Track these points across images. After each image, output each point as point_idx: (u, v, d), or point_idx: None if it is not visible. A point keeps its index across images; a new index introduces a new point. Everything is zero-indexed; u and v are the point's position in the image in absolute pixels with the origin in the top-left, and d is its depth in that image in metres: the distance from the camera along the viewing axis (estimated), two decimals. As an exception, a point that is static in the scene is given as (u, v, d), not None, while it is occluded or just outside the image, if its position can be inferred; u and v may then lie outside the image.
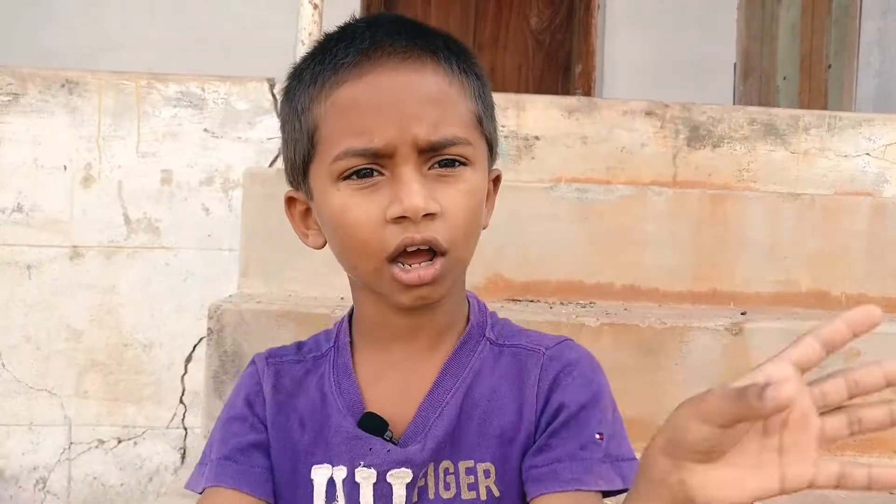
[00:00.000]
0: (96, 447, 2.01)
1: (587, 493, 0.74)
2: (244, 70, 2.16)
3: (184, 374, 2.02)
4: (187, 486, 0.84)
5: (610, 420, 0.78)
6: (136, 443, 2.02)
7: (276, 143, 2.04)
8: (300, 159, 0.78)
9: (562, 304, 1.69)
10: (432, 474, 0.75)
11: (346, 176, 0.72)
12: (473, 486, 0.75)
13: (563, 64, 4.55)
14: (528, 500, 0.76)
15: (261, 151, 2.04)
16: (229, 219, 2.02)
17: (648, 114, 2.11)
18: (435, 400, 0.77)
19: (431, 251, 0.72)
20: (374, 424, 0.76)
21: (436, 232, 0.71)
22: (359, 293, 0.80)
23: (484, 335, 0.81)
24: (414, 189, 0.70)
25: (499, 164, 0.84)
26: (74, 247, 2.01)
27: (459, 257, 0.75)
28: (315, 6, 2.09)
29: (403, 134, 0.71)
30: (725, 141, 2.12)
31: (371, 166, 0.72)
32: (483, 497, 0.75)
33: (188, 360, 2.02)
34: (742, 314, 1.61)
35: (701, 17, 4.31)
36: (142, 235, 2.03)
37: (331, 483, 0.77)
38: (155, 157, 2.03)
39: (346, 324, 0.84)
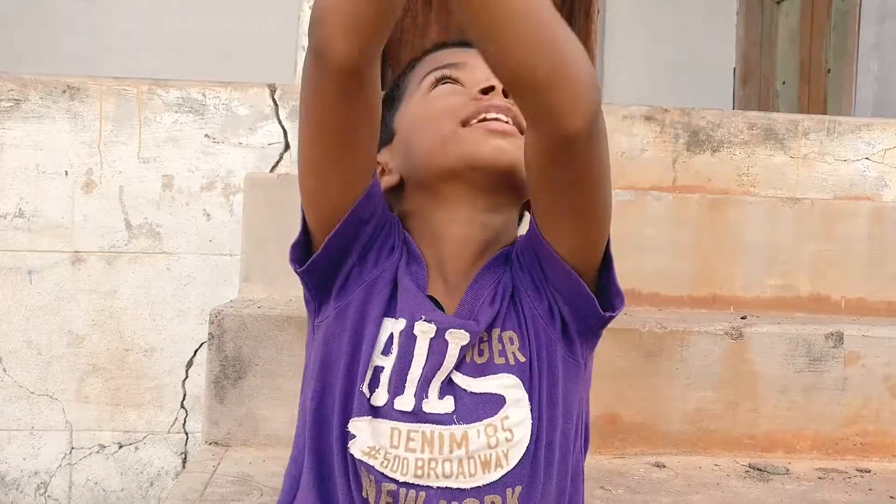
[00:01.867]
0: (97, 452, 2.02)
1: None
2: (245, 76, 2.17)
3: (185, 379, 2.02)
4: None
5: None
6: (137, 448, 2.02)
7: (277, 149, 2.05)
8: (389, 109, 0.86)
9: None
10: (496, 339, 0.80)
11: (435, 83, 0.84)
12: (503, 353, 0.80)
13: (562, 69, 4.55)
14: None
15: (262, 157, 2.04)
16: (230, 224, 2.02)
17: (648, 119, 2.12)
18: (476, 291, 0.82)
19: None
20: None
21: (515, 112, 0.79)
22: (423, 204, 0.84)
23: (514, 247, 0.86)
24: (485, 73, 0.77)
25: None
26: (76, 252, 2.02)
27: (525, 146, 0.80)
28: (316, 12, 2.10)
29: (475, 56, 0.79)
30: (725, 146, 2.13)
31: (454, 76, 0.84)
32: (511, 362, 0.80)
33: (189, 364, 2.03)
34: (742, 318, 1.62)
35: (700, 23, 4.32)
36: (143, 240, 2.03)
37: (389, 337, 0.80)
38: (156, 163, 2.04)
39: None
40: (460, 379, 0.79)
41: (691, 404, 1.51)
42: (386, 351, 0.79)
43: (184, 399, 2.02)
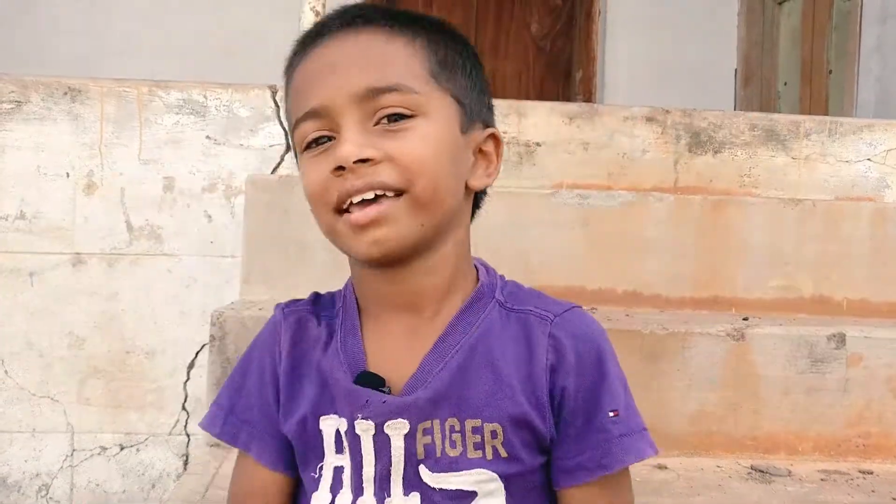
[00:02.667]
0: (98, 454, 2.01)
1: (613, 475, 0.75)
2: (246, 77, 2.17)
3: (186, 381, 2.02)
4: (201, 424, 0.86)
5: (621, 393, 0.77)
6: (138, 449, 2.02)
7: (278, 151, 2.04)
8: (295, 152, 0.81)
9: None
10: (438, 432, 0.74)
11: (305, 147, 0.75)
12: (480, 446, 0.74)
13: (563, 70, 4.55)
14: (555, 489, 0.77)
15: (263, 158, 2.04)
16: (231, 226, 2.02)
17: (649, 120, 2.12)
18: (438, 355, 0.76)
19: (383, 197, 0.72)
20: (371, 381, 0.76)
21: (379, 175, 0.71)
22: (351, 262, 0.81)
23: (493, 296, 0.79)
24: (346, 138, 0.71)
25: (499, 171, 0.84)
26: (77, 254, 2.02)
27: (419, 198, 0.72)
28: (317, 13, 2.10)
29: (338, 90, 0.72)
30: (726, 147, 2.13)
31: (322, 133, 0.74)
32: (489, 457, 0.74)
33: (190, 366, 2.02)
34: (744, 320, 1.61)
35: (702, 23, 4.32)
36: (144, 242, 2.03)
37: (338, 434, 0.77)
38: (157, 164, 2.04)
39: (351, 286, 0.84)
40: (427, 475, 0.74)
41: (693, 406, 1.50)
42: (339, 449, 0.77)
43: (185, 401, 2.02)
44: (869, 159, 2.16)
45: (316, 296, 0.86)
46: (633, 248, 1.77)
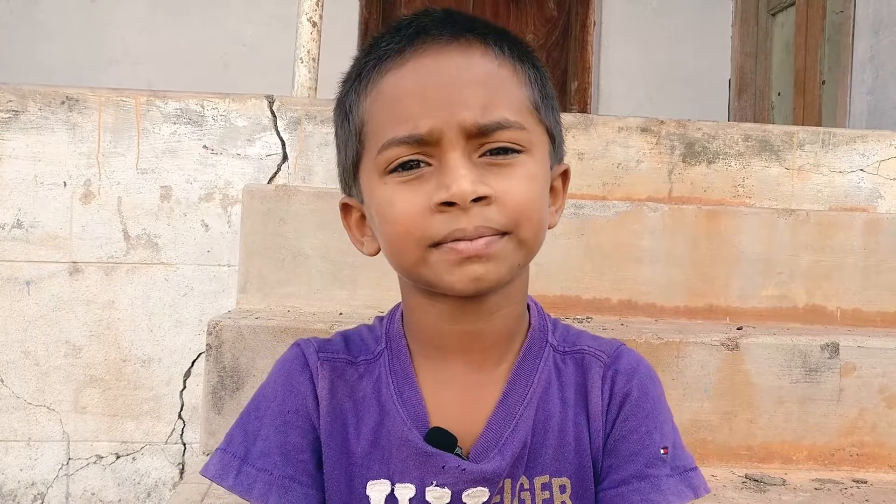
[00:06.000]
0: (94, 463, 2.01)
1: None
2: (243, 87, 2.18)
3: (182, 390, 2.02)
4: (207, 473, 0.77)
5: (670, 431, 0.76)
6: (134, 458, 2.01)
7: (274, 160, 2.05)
8: (350, 160, 0.74)
9: (559, 319, 1.70)
10: (508, 491, 0.72)
11: (392, 169, 0.68)
12: (549, 502, 0.72)
13: (559, 80, 4.58)
14: None
15: (260, 168, 2.05)
16: (228, 235, 2.03)
17: (644, 130, 2.13)
18: (506, 412, 0.73)
19: None
20: (443, 440, 0.71)
21: (489, 219, 0.66)
22: (411, 297, 0.75)
23: (547, 341, 0.77)
24: (461, 174, 0.65)
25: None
26: (74, 263, 2.02)
27: (523, 241, 0.68)
28: (314, 24, 2.11)
29: (449, 118, 0.66)
30: (720, 157, 2.14)
31: (417, 157, 0.67)
32: None
33: (187, 375, 2.03)
34: (738, 329, 1.62)
35: (696, 35, 4.35)
36: (141, 251, 2.03)
37: (390, 500, 0.72)
38: (154, 174, 2.04)
39: (398, 325, 0.78)
40: None
41: (687, 415, 1.51)
42: None
43: (181, 410, 2.02)
44: (862, 170, 2.18)
45: (345, 337, 0.79)
46: (627, 258, 1.78)
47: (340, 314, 1.62)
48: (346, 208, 0.78)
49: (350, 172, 0.75)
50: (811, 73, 3.75)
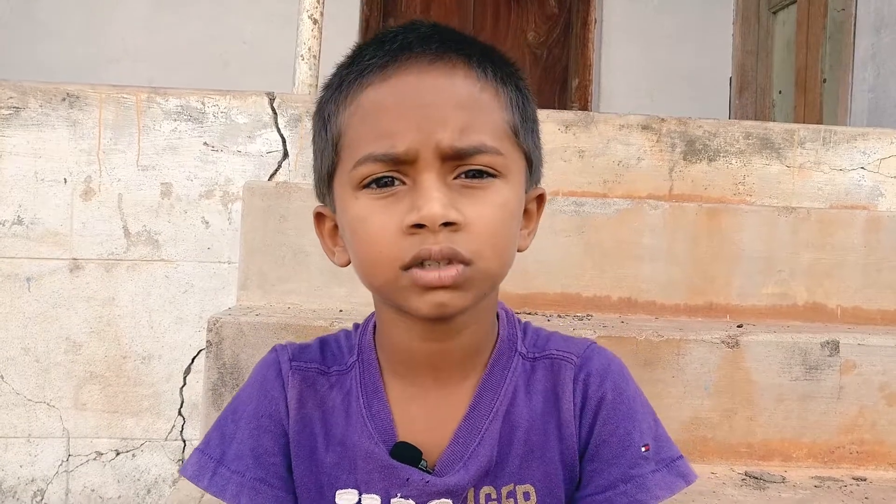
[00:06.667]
0: (94, 459, 2.01)
1: None
2: (243, 85, 2.18)
3: (182, 386, 2.02)
4: (185, 473, 0.78)
5: (650, 426, 0.76)
6: (134, 455, 2.02)
7: (275, 157, 2.05)
8: (326, 169, 0.74)
9: (559, 316, 1.70)
10: (472, 500, 0.72)
11: (365, 184, 0.69)
12: None
13: (560, 78, 4.57)
14: None
15: (260, 165, 2.05)
16: (228, 232, 2.03)
17: (645, 128, 2.13)
18: (472, 425, 0.74)
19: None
20: (407, 454, 0.72)
21: (456, 243, 0.67)
22: (383, 313, 0.76)
23: (516, 350, 0.77)
24: (433, 196, 0.66)
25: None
26: (74, 259, 2.02)
27: (485, 270, 0.69)
28: (315, 21, 2.11)
29: (426, 139, 0.66)
30: (721, 155, 2.14)
31: (392, 174, 0.68)
32: None
33: (187, 371, 2.03)
34: (738, 327, 1.62)
35: (697, 32, 4.34)
36: (141, 248, 2.03)
37: None
38: (155, 171, 2.04)
39: (370, 337, 0.79)
40: None
41: (687, 412, 1.51)
42: None
43: (181, 406, 2.02)
44: (863, 168, 2.18)
45: (322, 344, 0.80)
46: (628, 256, 1.78)
47: (340, 311, 1.62)
48: (319, 217, 0.79)
49: (325, 181, 0.75)
50: (812, 71, 3.74)
